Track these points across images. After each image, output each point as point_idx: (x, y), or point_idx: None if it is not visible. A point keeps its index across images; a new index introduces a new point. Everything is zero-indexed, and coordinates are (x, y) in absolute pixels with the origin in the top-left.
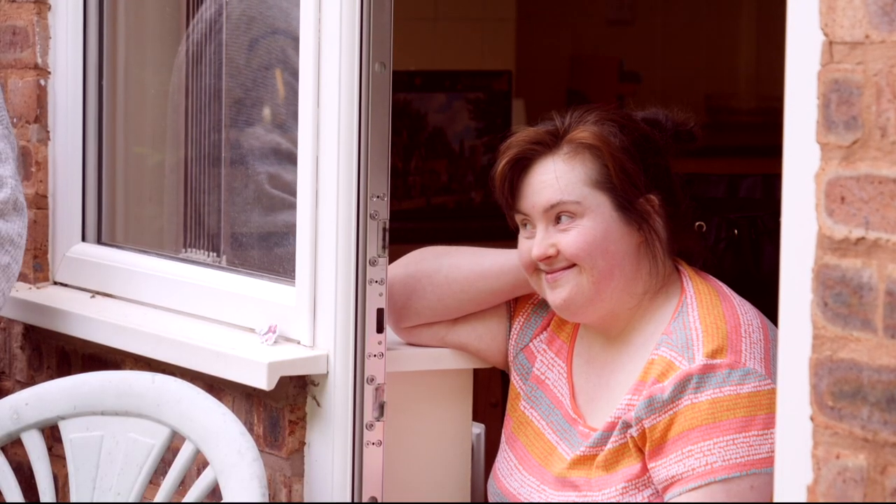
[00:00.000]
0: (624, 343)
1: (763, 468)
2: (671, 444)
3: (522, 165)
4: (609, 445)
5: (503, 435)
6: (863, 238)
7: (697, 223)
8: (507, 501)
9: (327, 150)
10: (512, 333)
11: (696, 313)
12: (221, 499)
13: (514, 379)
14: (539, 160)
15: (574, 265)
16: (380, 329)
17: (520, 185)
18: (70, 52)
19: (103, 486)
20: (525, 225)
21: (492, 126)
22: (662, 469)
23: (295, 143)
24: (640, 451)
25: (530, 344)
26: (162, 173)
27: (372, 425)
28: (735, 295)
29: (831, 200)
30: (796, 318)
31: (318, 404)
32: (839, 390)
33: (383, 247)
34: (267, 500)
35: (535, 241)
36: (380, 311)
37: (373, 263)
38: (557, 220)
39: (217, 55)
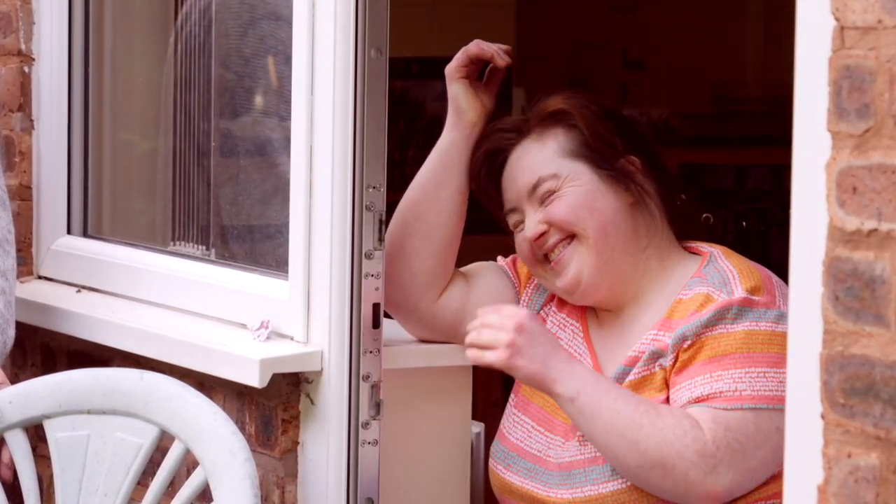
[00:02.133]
0: (637, 304)
1: None
2: (700, 367)
3: (499, 161)
4: (630, 377)
5: (511, 403)
6: (875, 230)
7: (705, 215)
8: (530, 463)
9: (322, 140)
10: (522, 303)
11: (728, 261)
12: (212, 500)
13: None
14: (513, 150)
15: (569, 236)
16: (376, 324)
17: (501, 181)
18: (55, 38)
19: (90, 487)
20: (518, 225)
21: (491, 115)
22: (686, 390)
23: (288, 132)
24: (667, 383)
25: (541, 311)
26: (150, 164)
27: (368, 424)
28: None
29: (843, 191)
30: (806, 312)
31: (312, 402)
32: (851, 387)
33: (379, 239)
34: (259, 502)
35: (527, 226)
36: (376, 306)
37: (368, 257)
38: (543, 200)
39: (208, 42)
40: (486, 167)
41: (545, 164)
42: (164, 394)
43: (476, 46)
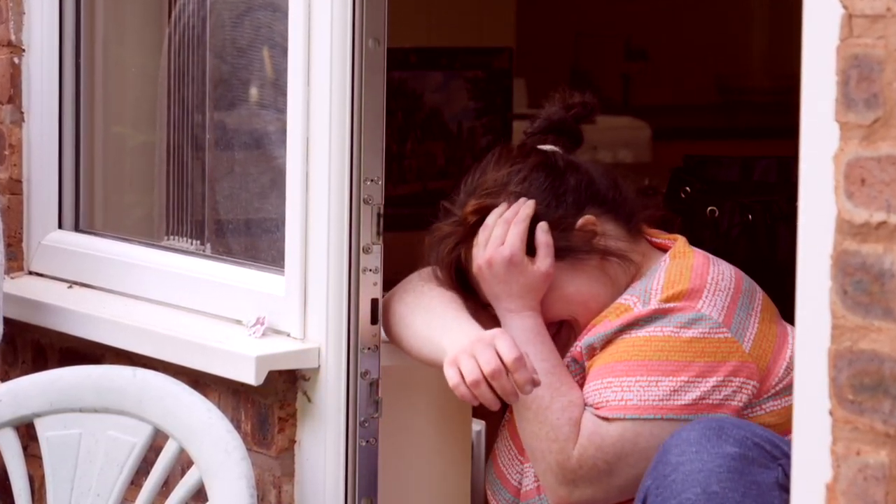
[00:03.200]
0: None
1: (682, 414)
2: (595, 371)
3: (457, 269)
4: None
5: (505, 420)
6: (884, 222)
7: (710, 208)
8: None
9: (318, 132)
10: None
11: (665, 267)
12: (206, 500)
13: None
14: (467, 259)
15: (560, 321)
16: (374, 320)
17: (469, 279)
18: (45, 28)
19: (82, 486)
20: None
21: (491, 106)
22: (588, 394)
23: (285, 124)
24: None
25: None
26: (144, 157)
27: (366, 422)
28: (720, 259)
29: (851, 183)
30: (814, 307)
31: (310, 400)
32: (860, 383)
33: (378, 233)
34: (255, 501)
35: None
36: (374, 302)
37: (366, 251)
38: None
39: (202, 33)
40: (452, 281)
41: None
42: (158, 392)
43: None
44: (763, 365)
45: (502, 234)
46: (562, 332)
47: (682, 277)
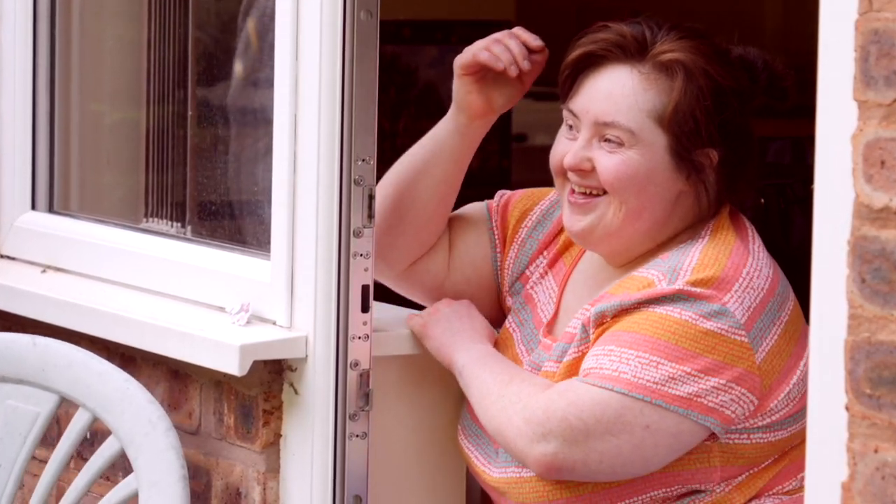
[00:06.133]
0: (627, 270)
1: (673, 405)
2: (601, 338)
3: (594, 62)
4: (567, 357)
5: None
6: None
7: None
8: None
9: (307, 109)
10: (505, 268)
11: (701, 246)
12: (130, 471)
13: (508, 301)
14: (613, 64)
15: (605, 193)
16: (365, 308)
17: (584, 81)
18: None
19: None
20: (570, 126)
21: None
22: (584, 361)
23: (271, 100)
24: None
25: (526, 270)
26: (122, 134)
27: (356, 415)
28: (761, 247)
29: (870, 165)
30: (830, 295)
31: (296, 392)
32: (878, 376)
33: (369, 216)
34: (186, 473)
35: (573, 148)
36: (365, 288)
37: (357, 235)
38: (605, 138)
39: (184, 3)
40: (579, 64)
41: (630, 112)
42: (63, 360)
43: (488, 53)
44: (767, 383)
45: None
46: (595, 204)
47: (717, 262)
